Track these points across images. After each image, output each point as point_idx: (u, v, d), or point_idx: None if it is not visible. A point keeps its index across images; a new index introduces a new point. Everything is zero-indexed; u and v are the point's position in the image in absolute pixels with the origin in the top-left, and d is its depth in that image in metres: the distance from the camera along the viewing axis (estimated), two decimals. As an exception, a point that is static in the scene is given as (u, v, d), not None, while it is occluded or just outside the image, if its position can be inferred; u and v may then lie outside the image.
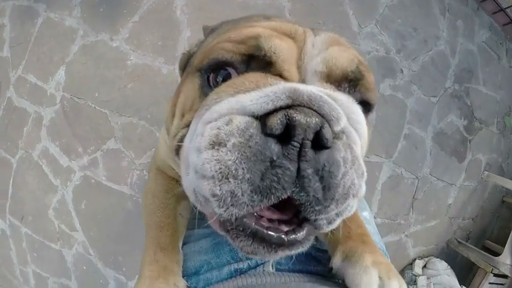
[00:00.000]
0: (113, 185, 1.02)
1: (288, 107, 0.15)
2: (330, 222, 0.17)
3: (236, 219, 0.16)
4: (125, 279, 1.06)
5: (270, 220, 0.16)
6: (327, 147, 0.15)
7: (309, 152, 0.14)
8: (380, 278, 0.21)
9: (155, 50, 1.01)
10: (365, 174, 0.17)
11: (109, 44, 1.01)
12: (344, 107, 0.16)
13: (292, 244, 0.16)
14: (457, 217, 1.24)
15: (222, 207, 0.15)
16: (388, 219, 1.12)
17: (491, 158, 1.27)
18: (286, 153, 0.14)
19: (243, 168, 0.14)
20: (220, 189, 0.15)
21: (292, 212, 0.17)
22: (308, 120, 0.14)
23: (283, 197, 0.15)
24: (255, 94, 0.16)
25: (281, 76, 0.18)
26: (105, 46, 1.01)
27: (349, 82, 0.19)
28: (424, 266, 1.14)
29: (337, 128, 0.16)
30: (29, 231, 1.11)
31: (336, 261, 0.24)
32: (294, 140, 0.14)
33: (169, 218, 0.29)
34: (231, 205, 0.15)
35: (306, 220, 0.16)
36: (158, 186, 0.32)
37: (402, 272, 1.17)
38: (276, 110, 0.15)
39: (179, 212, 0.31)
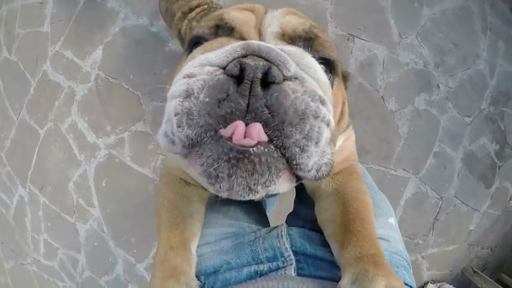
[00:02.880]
0: (136, 166, 1.04)
1: (243, 56, 0.18)
2: (302, 150, 0.17)
3: (192, 140, 0.17)
4: (134, 261, 1.07)
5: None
6: (275, 83, 0.17)
7: (258, 89, 0.17)
8: None
9: (192, 39, 1.01)
10: (327, 101, 0.18)
11: (148, 29, 1.02)
12: (291, 56, 0.19)
13: (260, 159, 0.16)
14: (476, 245, 1.18)
15: (180, 126, 0.17)
16: (407, 237, 1.08)
17: (520, 188, 1.21)
18: (239, 90, 0.17)
19: (204, 93, 0.17)
20: (181, 106, 0.17)
21: None
22: (256, 63, 0.17)
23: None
24: (219, 51, 0.19)
25: (243, 39, 0.22)
26: (145, 31, 1.02)
27: (303, 41, 0.22)
28: (436, 291, 1.10)
29: (287, 73, 0.18)
30: (46, 201, 1.15)
31: (345, 285, 0.22)
32: (246, 79, 0.17)
33: (178, 218, 0.29)
34: (187, 125, 0.17)
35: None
36: (167, 188, 0.33)
37: (413, 294, 1.13)
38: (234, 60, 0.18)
39: (189, 213, 0.31)
